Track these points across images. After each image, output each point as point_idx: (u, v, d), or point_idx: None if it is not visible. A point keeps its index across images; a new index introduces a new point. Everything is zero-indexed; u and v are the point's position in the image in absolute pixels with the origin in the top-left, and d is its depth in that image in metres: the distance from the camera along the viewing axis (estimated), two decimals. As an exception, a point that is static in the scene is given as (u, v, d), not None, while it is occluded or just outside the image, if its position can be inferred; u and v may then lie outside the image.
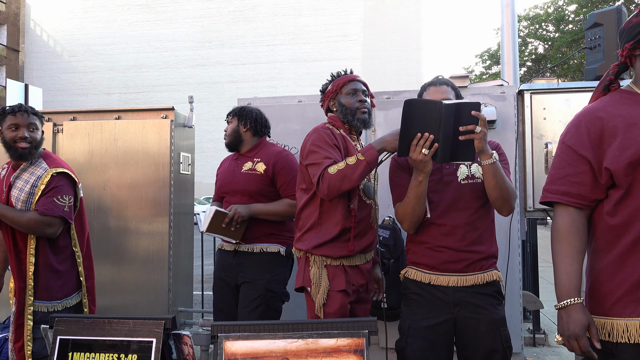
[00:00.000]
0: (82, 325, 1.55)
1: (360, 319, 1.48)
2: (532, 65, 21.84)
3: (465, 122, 1.69)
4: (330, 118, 2.23)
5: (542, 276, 6.77)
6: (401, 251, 2.91)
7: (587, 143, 1.45)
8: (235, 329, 1.46)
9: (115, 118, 3.56)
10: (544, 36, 21.53)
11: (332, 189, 1.94)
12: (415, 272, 1.98)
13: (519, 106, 3.10)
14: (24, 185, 2.41)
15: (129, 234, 3.45)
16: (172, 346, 1.54)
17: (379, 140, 2.01)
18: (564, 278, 1.46)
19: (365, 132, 3.17)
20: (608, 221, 1.44)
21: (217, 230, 2.47)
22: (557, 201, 1.50)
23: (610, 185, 1.44)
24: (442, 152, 1.73)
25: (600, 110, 1.46)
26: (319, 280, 2.07)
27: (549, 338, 4.38)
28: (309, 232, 2.14)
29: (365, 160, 1.94)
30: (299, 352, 1.42)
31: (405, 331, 1.93)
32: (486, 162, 1.78)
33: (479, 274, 1.90)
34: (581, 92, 3.09)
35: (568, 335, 1.43)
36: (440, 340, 1.89)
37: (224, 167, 2.76)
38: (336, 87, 2.22)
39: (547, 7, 21.15)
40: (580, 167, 1.46)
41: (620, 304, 1.40)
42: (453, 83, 2.06)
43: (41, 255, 2.39)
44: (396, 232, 2.94)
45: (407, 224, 1.93)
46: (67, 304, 2.44)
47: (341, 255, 2.08)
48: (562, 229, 1.49)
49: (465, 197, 1.92)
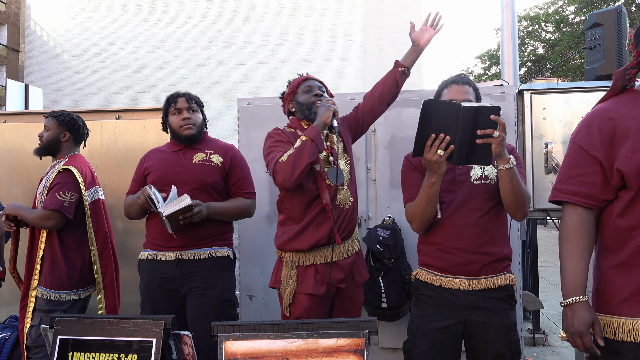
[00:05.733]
0: (82, 325, 1.55)
1: (360, 319, 1.48)
2: (532, 65, 21.82)
3: (483, 126, 1.67)
4: (290, 121, 2.27)
5: (542, 276, 6.78)
6: (401, 251, 2.91)
7: (599, 143, 1.44)
8: (235, 329, 1.46)
9: (115, 118, 3.56)
10: (543, 38, 21.51)
11: (286, 175, 1.94)
12: (426, 274, 1.96)
13: (519, 106, 3.10)
14: (44, 183, 2.63)
15: (129, 234, 3.45)
16: (172, 346, 1.54)
17: (317, 119, 2.07)
18: (570, 276, 1.46)
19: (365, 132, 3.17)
20: (617, 222, 1.45)
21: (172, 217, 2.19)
22: (566, 201, 1.50)
23: (620, 186, 1.44)
24: (457, 154, 1.72)
25: (612, 111, 1.46)
26: (287, 281, 2.08)
27: (549, 338, 4.38)
28: (279, 229, 2.18)
29: (308, 138, 1.97)
30: (299, 352, 1.42)
31: (413, 332, 1.92)
32: (503, 166, 1.76)
33: (491, 277, 1.88)
34: (581, 92, 3.09)
35: (572, 332, 1.44)
36: (448, 342, 1.87)
37: (158, 159, 2.47)
38: (292, 88, 2.27)
39: (547, 7, 21.14)
40: (591, 168, 1.46)
41: (626, 304, 1.41)
42: (475, 84, 2.03)
43: (49, 245, 2.58)
44: (396, 232, 2.94)
45: (416, 224, 1.92)
46: (74, 296, 2.59)
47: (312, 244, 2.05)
48: (570, 228, 1.49)
49: (478, 197, 1.90)
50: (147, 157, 2.54)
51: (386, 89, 2.26)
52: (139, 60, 17.80)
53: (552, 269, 8.68)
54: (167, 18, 17.90)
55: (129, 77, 17.86)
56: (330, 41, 16.95)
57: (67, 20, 18.42)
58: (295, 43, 17.22)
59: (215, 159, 2.43)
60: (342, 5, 17.22)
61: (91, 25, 18.23)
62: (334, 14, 17.20)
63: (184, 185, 2.32)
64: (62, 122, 2.71)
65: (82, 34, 18.23)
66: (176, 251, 2.32)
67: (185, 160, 2.42)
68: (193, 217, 2.22)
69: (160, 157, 2.48)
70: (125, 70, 17.87)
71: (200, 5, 17.82)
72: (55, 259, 2.56)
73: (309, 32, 17.25)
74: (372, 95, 2.28)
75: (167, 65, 17.59)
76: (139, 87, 17.68)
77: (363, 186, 3.18)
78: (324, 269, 2.06)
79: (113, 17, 18.15)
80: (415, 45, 2.30)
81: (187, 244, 2.32)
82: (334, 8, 17.26)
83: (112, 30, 18.06)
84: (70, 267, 2.57)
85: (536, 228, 4.61)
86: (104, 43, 18.04)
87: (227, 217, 2.42)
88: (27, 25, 18.81)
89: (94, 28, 18.16)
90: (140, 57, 17.82)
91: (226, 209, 2.39)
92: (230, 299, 2.37)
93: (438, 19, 2.32)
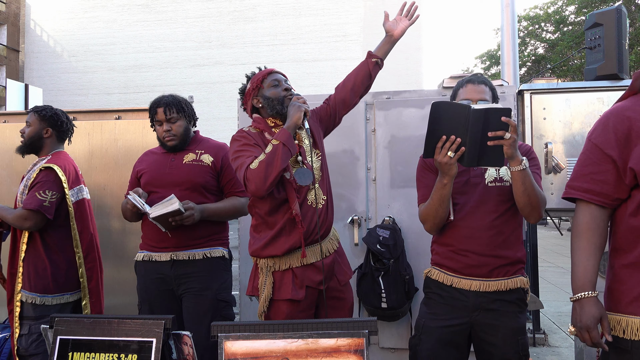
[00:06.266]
0: (82, 325, 1.55)
1: (360, 319, 1.48)
2: (532, 65, 21.83)
3: (494, 128, 1.66)
4: (254, 120, 2.14)
5: (542, 276, 6.78)
6: (401, 251, 2.92)
7: (614, 142, 1.45)
8: (235, 329, 1.46)
9: (115, 118, 3.56)
10: (543, 38, 21.51)
11: (259, 183, 1.85)
12: (438, 273, 1.95)
13: (519, 106, 3.10)
14: (25, 182, 2.51)
15: (129, 234, 3.45)
16: (172, 346, 1.54)
17: (287, 120, 1.97)
18: (581, 272, 1.47)
19: (365, 132, 3.18)
20: (630, 222, 1.45)
21: (160, 219, 2.21)
22: (579, 198, 1.51)
23: (634, 185, 1.44)
24: (468, 156, 1.70)
25: (629, 110, 1.46)
26: (262, 288, 2.01)
27: (549, 338, 4.39)
28: (252, 235, 2.09)
29: (280, 142, 1.88)
30: (299, 352, 1.42)
31: (420, 329, 1.92)
32: (515, 168, 1.74)
33: (502, 279, 1.86)
34: (581, 92, 3.09)
35: (580, 326, 1.46)
36: (453, 341, 1.87)
37: (150, 161, 2.48)
38: (256, 83, 2.12)
39: (547, 7, 21.14)
40: (604, 166, 1.47)
41: (636, 303, 1.41)
42: (492, 83, 2.00)
43: (32, 246, 2.46)
44: (396, 232, 2.94)
45: (429, 225, 1.91)
46: (60, 300, 2.48)
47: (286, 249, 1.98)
48: (582, 225, 1.50)
49: (492, 200, 1.88)
50: (140, 160, 2.54)
51: (359, 80, 2.17)
52: (139, 60, 17.80)
53: (552, 269, 8.68)
54: (167, 18, 17.90)
55: (129, 77, 17.86)
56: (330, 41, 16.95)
57: (67, 20, 18.42)
58: (295, 43, 17.22)
59: (206, 158, 2.41)
60: (342, 5, 17.23)
61: (91, 25, 18.23)
62: (334, 14, 17.20)
63: (175, 186, 2.32)
64: (44, 117, 2.58)
65: (82, 34, 18.23)
66: (171, 252, 2.32)
67: (175, 161, 2.41)
68: (183, 220, 2.21)
69: (152, 159, 2.48)
70: (125, 70, 17.87)
71: (200, 5, 17.82)
72: (39, 261, 2.44)
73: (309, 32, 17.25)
74: (344, 87, 2.19)
75: (167, 65, 17.59)
76: (139, 87, 17.68)
77: (363, 186, 3.18)
78: (302, 272, 2.00)
79: (113, 17, 18.15)
80: (389, 36, 2.21)
81: (181, 245, 2.31)
82: (334, 8, 17.26)
83: (112, 30, 18.06)
84: (54, 269, 2.46)
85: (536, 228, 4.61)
86: (104, 43, 18.04)
87: (222, 217, 2.40)
88: (27, 25, 18.82)
89: (94, 28, 18.17)
90: (140, 57, 17.82)
91: (221, 209, 2.37)
92: (227, 299, 2.36)
93: (414, 10, 2.22)
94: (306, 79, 17.19)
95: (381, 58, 2.20)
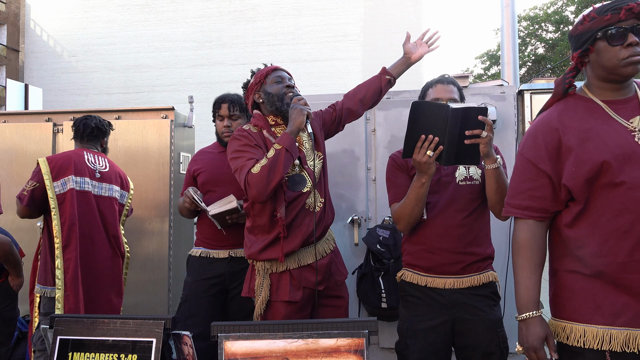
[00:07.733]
0: (82, 325, 1.55)
1: (360, 319, 1.48)
2: (532, 65, 21.83)
3: (471, 126, 1.70)
4: (255, 117, 2.13)
5: (542, 276, 6.77)
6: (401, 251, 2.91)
7: (546, 156, 1.45)
8: (235, 329, 1.46)
9: (115, 118, 3.56)
10: (544, 38, 21.51)
11: (261, 189, 1.85)
12: (411, 275, 1.97)
13: (519, 106, 3.11)
14: None
15: (129, 234, 3.45)
16: (172, 346, 1.54)
17: (290, 124, 1.96)
18: (523, 291, 1.48)
19: (365, 132, 3.18)
20: (566, 232, 1.46)
21: (218, 216, 2.33)
22: (519, 217, 1.51)
23: (569, 198, 1.45)
24: (446, 154, 1.74)
25: (555, 121, 1.46)
26: (259, 290, 2.01)
27: (548, 338, 4.38)
28: (247, 237, 2.09)
29: (282, 147, 1.87)
30: (299, 352, 1.42)
31: (404, 333, 1.93)
32: (490, 166, 1.78)
33: (475, 275, 1.91)
34: (581, 92, 3.09)
35: (527, 347, 1.47)
36: (439, 341, 1.89)
37: (206, 160, 2.56)
38: (260, 78, 2.12)
39: (547, 7, 21.15)
40: (540, 181, 1.47)
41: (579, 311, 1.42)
42: (459, 84, 2.05)
43: (44, 240, 2.61)
44: (396, 232, 2.94)
45: (403, 224, 1.92)
46: (47, 293, 2.55)
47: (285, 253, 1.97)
48: (521, 242, 1.50)
49: (463, 198, 1.92)
50: (195, 159, 2.64)
51: (369, 94, 2.22)
52: (139, 60, 17.80)
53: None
54: (167, 18, 17.90)
55: (129, 77, 17.86)
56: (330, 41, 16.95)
57: (67, 20, 18.42)
58: (295, 43, 17.22)
59: None
60: (342, 5, 17.23)
61: (91, 25, 18.22)
62: (334, 14, 17.20)
63: (231, 186, 2.37)
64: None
65: (82, 34, 18.23)
66: (229, 249, 2.43)
67: None
68: (239, 219, 2.31)
69: (208, 159, 2.57)
70: (125, 70, 17.86)
71: (200, 5, 17.82)
72: (45, 253, 2.59)
73: (309, 32, 17.25)
74: (354, 96, 2.23)
75: (167, 65, 17.59)
76: (139, 87, 17.67)
77: (363, 186, 3.18)
78: (299, 274, 2.00)
79: (113, 17, 18.15)
80: (407, 58, 2.27)
81: (239, 243, 2.36)
82: (334, 8, 17.26)
83: (112, 30, 18.06)
84: (42, 264, 2.62)
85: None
86: (104, 43, 18.04)
87: None
88: (27, 25, 18.82)
89: (94, 28, 18.16)
90: (140, 57, 17.81)
91: None
92: None
93: (435, 39, 2.30)
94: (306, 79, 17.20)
95: (394, 77, 2.25)
